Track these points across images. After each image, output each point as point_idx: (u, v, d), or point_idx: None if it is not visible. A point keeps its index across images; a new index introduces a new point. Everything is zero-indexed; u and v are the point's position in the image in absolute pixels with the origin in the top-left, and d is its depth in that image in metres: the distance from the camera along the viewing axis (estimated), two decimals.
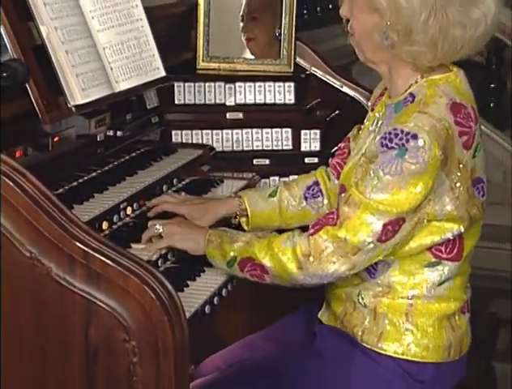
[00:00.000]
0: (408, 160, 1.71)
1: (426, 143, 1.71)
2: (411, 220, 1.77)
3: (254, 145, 2.78)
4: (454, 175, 1.79)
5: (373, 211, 1.74)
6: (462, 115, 1.79)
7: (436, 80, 1.83)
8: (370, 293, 1.90)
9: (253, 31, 2.92)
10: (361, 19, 1.85)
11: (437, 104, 1.78)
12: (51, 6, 2.08)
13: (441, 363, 1.89)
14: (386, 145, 1.74)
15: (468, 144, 1.80)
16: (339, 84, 2.96)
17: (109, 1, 2.28)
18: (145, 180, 2.25)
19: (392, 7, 1.75)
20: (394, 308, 1.88)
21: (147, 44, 2.38)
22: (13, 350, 1.60)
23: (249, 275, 1.89)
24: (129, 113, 2.43)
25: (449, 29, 1.76)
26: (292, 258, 1.81)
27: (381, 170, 1.73)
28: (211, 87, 2.79)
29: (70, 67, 2.08)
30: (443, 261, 1.86)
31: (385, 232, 1.75)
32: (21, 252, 1.55)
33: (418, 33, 1.75)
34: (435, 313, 1.88)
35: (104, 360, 1.54)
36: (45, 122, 2.02)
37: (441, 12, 1.75)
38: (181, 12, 2.88)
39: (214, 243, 1.92)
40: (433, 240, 1.83)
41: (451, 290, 1.89)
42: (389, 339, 1.88)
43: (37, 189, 1.57)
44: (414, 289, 1.87)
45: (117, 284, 1.52)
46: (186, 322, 1.58)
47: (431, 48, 1.77)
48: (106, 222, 2.03)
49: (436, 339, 1.88)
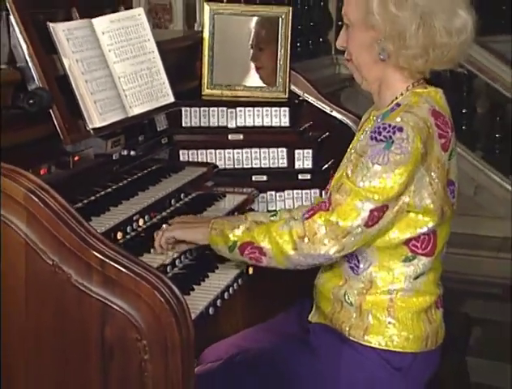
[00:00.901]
0: (394, 151, 1.75)
1: (410, 135, 1.75)
2: (393, 208, 1.78)
3: (253, 163, 2.78)
4: (433, 172, 1.81)
5: (361, 198, 1.76)
6: (441, 121, 1.83)
7: (419, 92, 1.87)
8: (355, 292, 1.90)
9: (261, 60, 2.92)
10: (359, 38, 1.88)
11: (421, 108, 1.82)
12: (73, 41, 2.09)
13: (419, 353, 1.89)
14: (375, 138, 1.77)
15: (445, 147, 1.83)
16: (328, 109, 2.96)
17: (124, 35, 2.28)
18: (155, 194, 2.25)
19: (387, 19, 1.79)
20: (377, 304, 1.88)
21: (158, 74, 2.38)
22: (37, 348, 1.59)
23: (248, 257, 1.88)
24: (141, 134, 2.43)
25: (436, 37, 1.80)
26: (289, 241, 1.81)
27: (371, 161, 1.76)
28: (214, 112, 2.79)
29: (89, 95, 2.08)
30: (418, 256, 1.86)
31: (371, 218, 1.76)
32: (44, 260, 1.55)
33: (411, 38, 1.79)
34: (413, 307, 1.88)
35: (118, 357, 1.54)
36: (67, 143, 2.02)
37: (428, 22, 1.79)
38: (188, 45, 2.89)
39: (217, 230, 1.91)
40: (409, 233, 1.83)
41: (426, 284, 1.90)
42: (373, 333, 1.88)
43: (59, 203, 1.57)
44: (393, 284, 1.88)
45: (129, 289, 1.52)
46: (192, 322, 1.58)
47: (423, 52, 1.81)
48: (120, 232, 2.02)
49: (415, 331, 1.88)
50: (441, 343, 1.97)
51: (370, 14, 1.81)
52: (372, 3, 1.80)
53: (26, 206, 1.55)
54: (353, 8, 1.87)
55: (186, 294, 1.87)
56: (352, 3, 1.87)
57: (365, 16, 1.82)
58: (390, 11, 1.78)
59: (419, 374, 1.92)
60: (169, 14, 4.29)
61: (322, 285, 1.98)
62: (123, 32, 2.28)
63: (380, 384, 1.89)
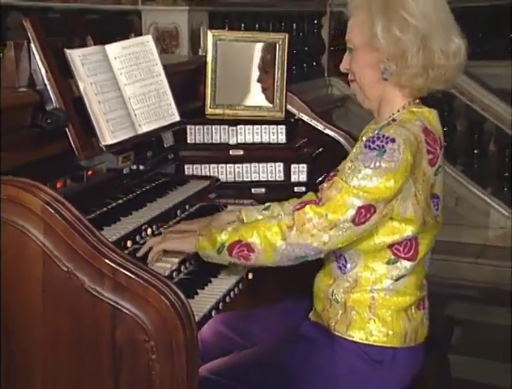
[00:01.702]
0: (385, 159, 1.74)
1: (401, 146, 1.75)
2: (380, 213, 1.77)
3: (252, 177, 2.77)
4: (419, 184, 1.80)
5: (351, 194, 1.75)
6: (431, 138, 1.83)
7: (414, 111, 1.88)
8: (341, 290, 1.89)
9: (266, 81, 2.91)
10: (363, 60, 1.88)
11: (413, 124, 1.82)
12: (87, 66, 2.09)
13: (398, 348, 1.88)
14: (368, 146, 1.77)
15: (433, 162, 1.83)
16: (322, 127, 2.95)
17: (134, 60, 2.28)
18: (162, 206, 2.24)
19: (391, 42, 1.81)
20: (360, 302, 1.88)
21: (165, 95, 2.38)
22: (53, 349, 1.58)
23: (237, 257, 1.83)
24: (149, 150, 2.42)
25: (434, 59, 1.82)
26: (278, 232, 1.78)
27: (363, 164, 1.76)
28: (216, 129, 2.79)
29: (101, 114, 2.08)
30: (400, 259, 1.86)
31: (358, 215, 1.75)
32: (60, 267, 1.54)
33: (413, 58, 1.81)
34: (393, 305, 1.88)
35: (128, 357, 1.53)
36: (81, 159, 2.01)
37: (428, 45, 1.81)
38: (192, 69, 2.88)
39: (205, 236, 1.88)
40: (393, 239, 1.83)
41: (406, 286, 1.89)
42: (355, 328, 1.88)
43: (73, 215, 1.56)
44: (376, 283, 1.87)
45: (138, 294, 1.51)
46: (196, 324, 1.57)
47: (423, 72, 1.83)
48: (130, 241, 2.01)
49: (394, 327, 1.87)
50: (423, 342, 1.95)
51: (375, 37, 1.82)
52: (376, 28, 1.81)
53: (43, 217, 1.54)
54: (357, 34, 1.88)
55: (191, 298, 1.86)
56: (356, 29, 1.88)
57: (370, 40, 1.84)
58: (394, 34, 1.80)
59: (401, 370, 1.91)
60: (176, 41, 4.30)
61: (317, 285, 1.98)
62: (133, 57, 2.28)
63: (361, 376, 1.88)
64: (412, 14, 1.80)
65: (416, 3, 1.81)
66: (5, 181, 1.59)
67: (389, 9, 1.81)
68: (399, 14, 1.80)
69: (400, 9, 1.80)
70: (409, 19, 1.79)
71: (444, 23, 1.84)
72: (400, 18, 1.80)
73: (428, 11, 1.81)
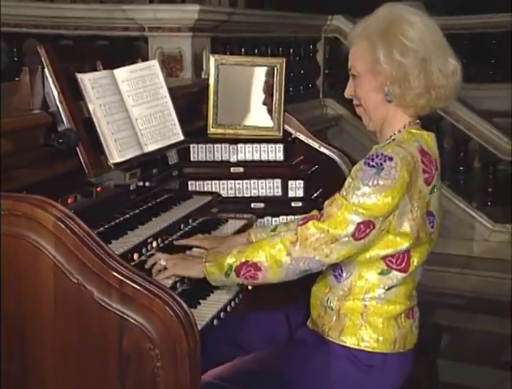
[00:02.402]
0: (383, 176, 1.74)
1: (398, 164, 1.75)
2: (379, 228, 1.77)
3: (252, 192, 2.77)
4: (415, 201, 1.80)
5: (351, 211, 1.75)
6: (427, 159, 1.83)
7: (413, 132, 1.88)
8: (335, 298, 1.89)
9: (265, 103, 2.91)
10: (368, 84, 1.88)
11: (411, 145, 1.83)
12: (97, 89, 2.09)
13: (388, 353, 1.87)
14: (367, 163, 1.77)
15: (428, 181, 1.83)
16: (317, 145, 2.95)
17: (141, 83, 2.28)
18: (167, 220, 2.23)
19: (393, 66, 1.82)
20: (353, 309, 1.87)
21: (170, 116, 2.38)
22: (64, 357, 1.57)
23: (244, 277, 1.82)
24: (155, 168, 2.42)
25: (434, 80, 1.83)
26: (282, 248, 1.78)
27: (362, 182, 1.75)
28: (218, 148, 2.79)
29: (110, 134, 2.08)
30: (393, 270, 1.85)
31: (358, 231, 1.75)
32: (70, 279, 1.54)
33: (415, 80, 1.82)
34: (384, 313, 1.87)
35: (134, 364, 1.52)
36: (90, 176, 2.01)
37: (427, 67, 1.82)
38: (195, 91, 2.89)
39: (211, 262, 1.88)
40: (387, 251, 1.82)
41: (397, 295, 1.88)
42: (347, 334, 1.87)
43: (83, 230, 1.56)
44: (368, 292, 1.86)
45: (144, 304, 1.50)
46: (198, 333, 1.56)
47: (425, 92, 1.84)
48: (137, 253, 2.00)
49: (384, 334, 1.86)
50: (412, 348, 1.94)
51: (377, 63, 1.83)
52: (379, 54, 1.82)
53: (55, 232, 1.54)
54: (359, 61, 1.88)
55: (194, 307, 1.85)
56: (358, 57, 1.89)
57: (372, 66, 1.84)
58: (396, 59, 1.81)
59: (391, 374, 1.90)
60: (180, 65, 4.31)
61: (314, 294, 1.97)
62: (140, 81, 2.28)
63: (354, 380, 1.87)
64: (411, 39, 1.81)
65: (412, 29, 1.82)
66: (19, 198, 1.58)
67: (388, 36, 1.82)
68: (399, 40, 1.81)
69: (399, 35, 1.81)
70: (408, 43, 1.81)
71: (439, 46, 1.86)
72: (400, 43, 1.81)
73: (424, 36, 1.82)
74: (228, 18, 4.61)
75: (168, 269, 1.93)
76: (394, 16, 1.85)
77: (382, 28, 1.84)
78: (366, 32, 1.86)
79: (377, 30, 1.84)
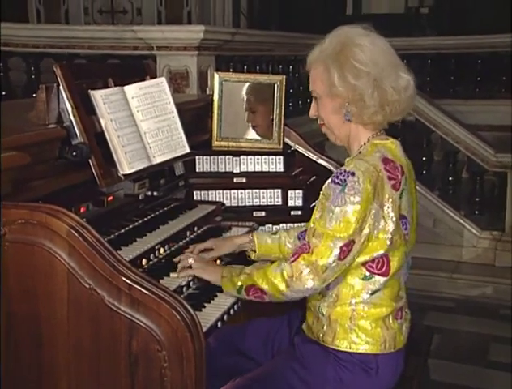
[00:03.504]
0: (347, 193, 1.74)
1: (360, 178, 1.75)
2: (360, 241, 1.77)
3: (254, 201, 2.76)
4: (386, 207, 1.79)
5: (332, 238, 1.75)
6: (391, 167, 1.82)
7: (376, 143, 1.87)
8: (325, 304, 1.88)
9: (255, 120, 2.91)
10: (327, 107, 1.88)
11: (373, 156, 1.82)
12: (108, 104, 2.09)
13: (379, 354, 1.86)
14: (333, 181, 1.78)
15: (396, 187, 1.81)
16: (315, 157, 2.95)
17: (149, 99, 2.28)
18: (174, 228, 2.23)
19: (348, 88, 1.81)
20: (342, 314, 1.86)
21: (176, 130, 2.38)
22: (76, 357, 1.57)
23: (253, 297, 1.87)
24: (162, 178, 2.42)
25: (388, 96, 1.82)
26: (281, 280, 1.80)
27: (332, 205, 1.75)
28: (222, 160, 2.78)
29: (120, 147, 2.08)
30: (375, 275, 1.84)
31: (342, 252, 1.75)
32: (82, 284, 1.53)
33: (370, 100, 1.81)
34: (371, 316, 1.85)
35: (143, 365, 1.51)
36: (102, 187, 2.00)
37: (380, 86, 1.81)
38: (200, 106, 2.88)
39: (227, 277, 1.93)
40: (365, 257, 1.81)
41: (382, 299, 1.86)
42: (340, 338, 1.86)
43: (95, 237, 1.55)
44: (354, 297, 1.85)
45: (152, 308, 1.50)
46: (203, 335, 1.55)
47: (380, 109, 1.83)
48: (145, 259, 2.00)
49: (373, 336, 1.85)
50: (403, 348, 1.92)
51: (333, 86, 1.83)
52: (333, 78, 1.82)
53: (68, 240, 1.54)
54: (318, 84, 1.88)
55: (199, 310, 1.84)
56: (317, 80, 1.88)
57: (330, 89, 1.84)
58: (349, 82, 1.81)
59: (385, 374, 1.88)
60: (186, 81, 4.31)
61: (309, 301, 1.96)
62: (148, 97, 2.28)
63: (348, 381, 1.85)
64: (362, 62, 1.80)
65: (363, 52, 1.81)
66: (35, 207, 1.58)
67: (341, 60, 1.81)
68: (351, 64, 1.80)
69: (351, 59, 1.81)
70: (360, 66, 1.80)
71: (390, 63, 1.84)
72: (352, 67, 1.80)
73: (374, 57, 1.81)
74: (231, 37, 4.62)
75: (193, 269, 1.99)
76: (345, 39, 1.84)
77: (335, 52, 1.83)
78: (322, 56, 1.85)
79: (331, 54, 1.83)
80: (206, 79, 4.33)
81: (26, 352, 1.59)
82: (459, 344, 4.03)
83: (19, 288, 1.57)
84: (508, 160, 5.23)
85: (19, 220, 1.55)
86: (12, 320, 1.58)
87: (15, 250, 1.56)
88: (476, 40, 6.56)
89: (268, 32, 5.95)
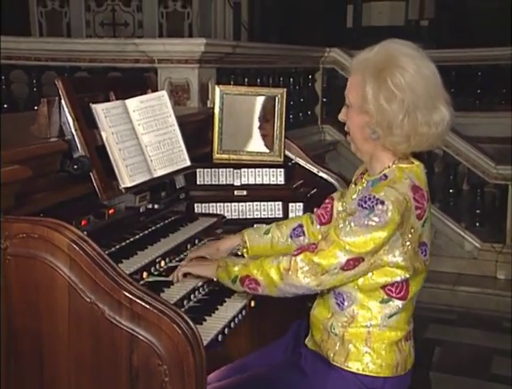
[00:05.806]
0: (373, 219, 1.71)
1: (389, 208, 1.71)
2: (368, 261, 1.74)
3: (255, 214, 2.76)
4: (406, 236, 1.75)
5: (341, 248, 1.73)
6: (419, 195, 1.78)
7: (403, 167, 1.82)
8: (339, 324, 1.85)
9: (266, 128, 2.91)
10: (355, 119, 1.83)
11: (403, 184, 1.77)
12: (110, 118, 2.09)
13: (390, 377, 1.84)
14: (361, 205, 1.74)
15: (420, 216, 1.78)
16: (316, 170, 2.95)
17: (151, 112, 2.29)
18: (175, 240, 2.23)
19: (378, 110, 1.76)
20: (356, 336, 1.83)
21: (177, 143, 2.38)
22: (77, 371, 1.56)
23: (248, 288, 1.86)
24: (163, 191, 2.41)
25: (418, 127, 1.76)
26: (277, 272, 1.79)
27: (353, 222, 1.73)
28: (223, 172, 2.79)
29: (121, 160, 2.08)
30: (393, 299, 1.82)
31: (347, 264, 1.74)
32: (83, 298, 1.53)
33: (397, 128, 1.76)
34: (386, 339, 1.83)
35: (143, 379, 1.51)
36: (103, 200, 2.01)
37: (412, 115, 1.75)
38: (201, 119, 2.89)
39: (222, 267, 1.92)
40: (386, 280, 1.79)
41: (398, 322, 1.85)
42: (353, 360, 1.83)
43: (96, 251, 1.55)
44: (371, 320, 1.83)
45: (153, 322, 1.49)
46: (204, 349, 1.54)
47: (406, 140, 1.78)
48: (146, 272, 2.00)
49: (387, 360, 1.83)
50: (411, 369, 1.90)
51: (365, 101, 1.76)
52: (367, 94, 1.75)
53: (69, 253, 1.53)
54: (353, 92, 1.82)
55: (199, 324, 1.84)
56: (353, 89, 1.82)
57: (361, 103, 1.78)
58: (381, 104, 1.74)
59: None
60: (187, 94, 4.33)
61: (315, 316, 1.94)
62: (150, 110, 2.28)
63: None
64: (399, 88, 1.72)
65: (403, 77, 1.72)
66: (36, 221, 1.58)
67: (379, 77, 1.74)
68: (387, 85, 1.73)
69: (389, 79, 1.72)
70: (395, 91, 1.72)
71: (431, 93, 1.75)
72: (388, 88, 1.73)
73: (414, 84, 1.73)
74: (232, 50, 4.64)
75: (187, 267, 2.01)
76: (390, 57, 1.75)
77: (377, 67, 1.74)
78: (363, 66, 1.78)
79: (372, 68, 1.76)
80: (208, 92, 4.34)
81: (27, 365, 1.58)
82: (461, 356, 4.01)
83: (20, 302, 1.57)
84: (508, 172, 5.24)
85: (21, 233, 1.55)
86: (13, 333, 1.58)
87: (17, 263, 1.56)
88: (477, 52, 6.59)
89: (269, 44, 5.97)
